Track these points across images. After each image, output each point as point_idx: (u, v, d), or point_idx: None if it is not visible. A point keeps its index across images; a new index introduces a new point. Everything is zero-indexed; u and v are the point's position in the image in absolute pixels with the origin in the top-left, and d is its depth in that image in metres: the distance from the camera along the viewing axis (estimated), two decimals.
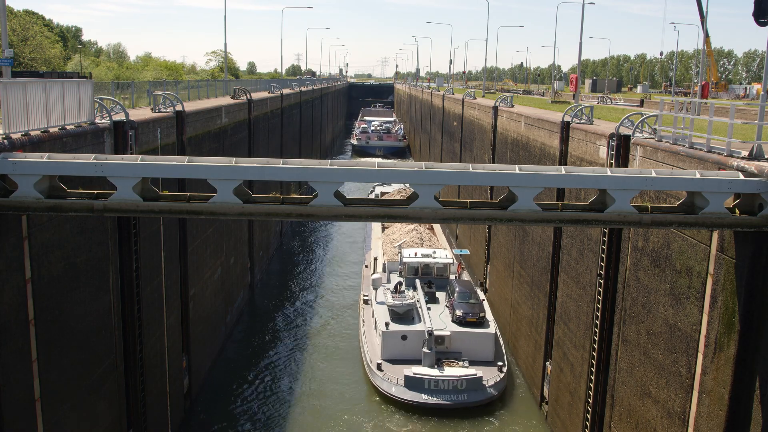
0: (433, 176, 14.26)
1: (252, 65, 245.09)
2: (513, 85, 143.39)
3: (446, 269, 36.84)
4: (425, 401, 27.84)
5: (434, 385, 28.11)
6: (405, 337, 30.36)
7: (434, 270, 36.60)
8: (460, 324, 31.20)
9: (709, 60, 75.80)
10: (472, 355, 30.27)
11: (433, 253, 37.98)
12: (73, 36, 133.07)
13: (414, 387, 28.15)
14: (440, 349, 30.05)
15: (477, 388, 28.32)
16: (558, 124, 27.52)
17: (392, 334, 30.39)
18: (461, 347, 30.38)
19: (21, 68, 64.67)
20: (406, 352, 30.11)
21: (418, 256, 37.28)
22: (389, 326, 30.70)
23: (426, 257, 37.20)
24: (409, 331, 30.40)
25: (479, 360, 30.22)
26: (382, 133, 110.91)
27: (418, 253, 38.10)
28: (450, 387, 28.07)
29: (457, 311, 31.72)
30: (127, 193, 13.99)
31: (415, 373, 28.42)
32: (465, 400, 28.02)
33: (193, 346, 27.86)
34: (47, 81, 17.01)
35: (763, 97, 16.68)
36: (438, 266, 36.68)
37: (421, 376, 28.27)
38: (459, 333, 30.55)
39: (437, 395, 28.01)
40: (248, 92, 42.27)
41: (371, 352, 31.05)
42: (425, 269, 36.64)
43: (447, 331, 30.49)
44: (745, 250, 13.90)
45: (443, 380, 28.14)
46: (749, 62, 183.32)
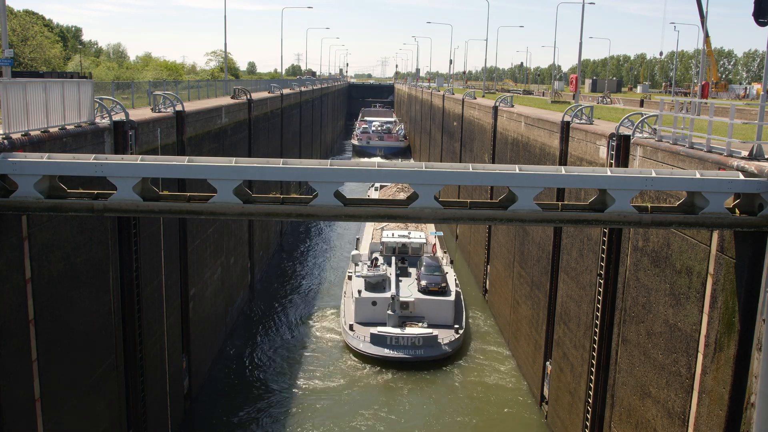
0: (433, 176, 14.26)
1: (252, 65, 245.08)
2: (513, 85, 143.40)
3: (420, 248, 41.68)
4: (387, 355, 32.18)
5: (395, 342, 32.53)
6: (375, 303, 34.98)
7: (409, 249, 41.60)
8: (424, 292, 35.98)
9: (709, 60, 75.81)
10: (434, 319, 34.78)
11: (409, 234, 42.96)
12: (73, 36, 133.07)
13: (378, 343, 32.52)
14: (405, 314, 34.79)
15: (433, 345, 32.69)
16: (558, 124, 27.52)
17: (364, 300, 35.19)
18: (424, 312, 35.10)
19: (21, 68, 64.68)
20: (376, 316, 34.56)
21: (395, 237, 42.41)
22: (361, 293, 35.53)
23: (402, 237, 42.30)
24: (378, 298, 35.13)
25: (440, 323, 34.62)
26: (382, 134, 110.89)
27: (395, 233, 43.14)
28: (409, 343, 32.49)
29: (422, 281, 36.62)
30: (127, 193, 13.99)
31: (380, 331, 32.89)
32: (422, 354, 32.31)
33: (193, 346, 27.86)
34: (47, 81, 17.01)
35: (763, 97, 16.69)
36: (413, 245, 41.68)
37: (384, 333, 32.73)
38: (422, 300, 35.41)
39: (398, 350, 32.35)
40: (248, 92, 42.28)
41: (347, 316, 35.58)
42: (402, 248, 41.63)
43: (412, 298, 35.39)
44: (745, 250, 13.90)
45: (403, 337, 32.59)
46: (749, 62, 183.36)
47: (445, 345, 32.94)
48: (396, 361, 32.02)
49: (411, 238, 42.10)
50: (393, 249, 41.46)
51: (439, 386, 30.90)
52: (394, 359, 32.02)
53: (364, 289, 35.94)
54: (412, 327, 33.63)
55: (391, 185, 63.66)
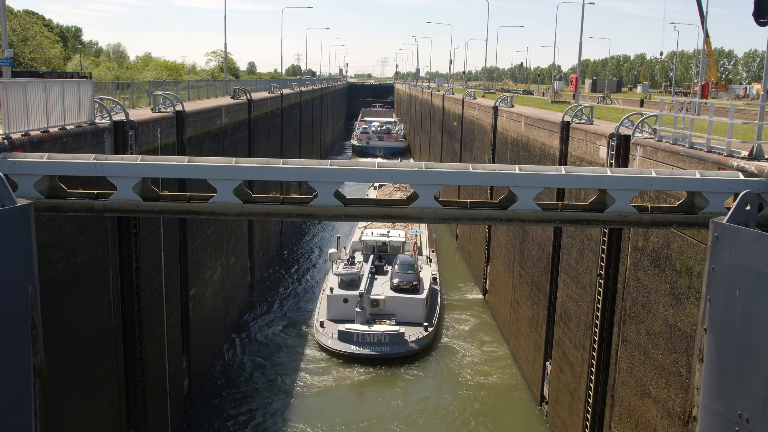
0: (433, 176, 14.27)
1: (252, 65, 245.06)
2: (513, 85, 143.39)
3: (400, 247, 42.00)
4: (353, 351, 32.56)
5: (362, 339, 32.87)
6: (346, 300, 35.21)
7: (389, 247, 41.86)
8: (396, 290, 36.23)
9: (709, 60, 75.81)
10: (404, 317, 35.02)
11: (388, 233, 43.35)
12: (73, 36, 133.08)
13: (345, 340, 32.91)
14: (376, 311, 35.15)
15: (399, 342, 33.03)
16: (558, 124, 27.52)
17: (335, 297, 35.52)
18: (395, 310, 35.40)
19: (21, 68, 64.67)
20: (347, 313, 34.72)
21: (374, 235, 42.73)
22: (333, 291, 35.87)
23: (382, 236, 42.63)
24: (349, 295, 35.30)
25: (410, 321, 34.86)
26: (382, 134, 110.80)
27: (374, 232, 43.53)
28: (375, 340, 32.88)
29: (394, 280, 36.82)
30: (127, 193, 14.00)
31: (347, 328, 33.23)
32: (388, 351, 32.67)
33: (193, 346, 27.86)
34: (47, 81, 17.02)
35: (763, 97, 16.69)
36: (392, 244, 41.99)
37: (351, 330, 33.05)
38: (392, 297, 35.67)
39: (364, 347, 32.75)
40: (248, 92, 42.28)
41: (320, 314, 36.08)
42: (381, 246, 41.93)
43: (382, 296, 35.68)
44: None
45: (369, 334, 32.89)
46: (749, 62, 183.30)
47: (412, 342, 33.22)
48: (362, 357, 32.35)
49: (390, 237, 42.49)
50: (373, 247, 41.85)
51: (441, 386, 30.91)
52: (361, 356, 32.37)
53: (338, 287, 36.19)
54: (380, 324, 34.03)
55: (389, 185, 63.72)
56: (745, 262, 11.51)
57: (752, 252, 11.39)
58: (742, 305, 11.42)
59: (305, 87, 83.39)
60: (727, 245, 11.94)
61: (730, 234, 11.99)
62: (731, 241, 11.90)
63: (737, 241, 11.76)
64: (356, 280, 36.69)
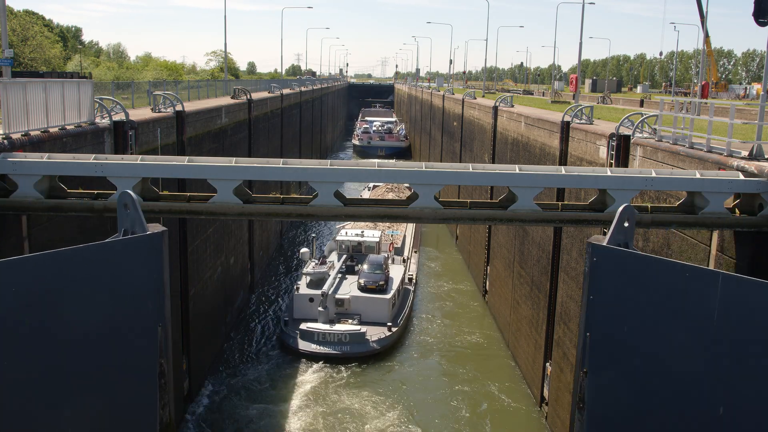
0: (433, 176, 14.27)
1: (252, 65, 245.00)
2: (513, 85, 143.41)
3: (375, 247, 41.95)
4: (315, 350, 32.68)
5: (323, 338, 33.00)
6: (312, 299, 35.22)
7: (363, 247, 41.82)
8: (362, 290, 36.20)
9: (709, 60, 75.83)
10: (370, 317, 35.03)
11: (362, 233, 43.35)
12: (73, 36, 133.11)
13: (307, 339, 33.03)
14: (341, 311, 35.21)
15: (360, 341, 33.12)
16: (558, 124, 27.53)
17: (301, 296, 35.76)
18: (360, 310, 35.47)
19: (21, 68, 64.70)
20: (313, 312, 34.71)
21: (350, 236, 42.69)
22: (299, 290, 36.16)
23: (357, 236, 42.62)
24: (315, 294, 35.29)
25: (375, 321, 34.90)
26: (383, 134, 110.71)
27: (348, 232, 43.58)
28: (336, 339, 33.03)
29: (361, 280, 36.85)
30: None
31: (309, 327, 33.30)
32: (348, 351, 32.80)
33: (193, 346, 27.85)
34: (47, 81, 17.03)
35: (763, 97, 16.69)
36: (366, 244, 41.98)
37: (312, 329, 33.13)
38: (357, 297, 35.69)
39: (326, 346, 32.88)
40: (248, 92, 42.28)
41: (288, 312, 36.13)
42: (356, 246, 41.88)
43: (347, 296, 35.69)
44: (745, 250, 13.90)
45: (330, 333, 33.01)
46: (749, 62, 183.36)
47: (373, 342, 33.28)
48: (323, 356, 32.45)
49: (364, 237, 42.49)
50: (348, 247, 41.86)
51: (442, 386, 30.92)
52: (322, 354, 32.50)
53: (305, 286, 36.39)
54: (343, 324, 34.06)
55: (381, 185, 63.55)
56: (627, 290, 9.42)
57: (635, 277, 9.31)
58: (628, 340, 9.17)
59: (305, 87, 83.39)
60: (607, 270, 9.82)
61: (609, 258, 9.89)
62: (612, 265, 9.79)
63: (618, 266, 9.66)
64: (324, 279, 36.68)
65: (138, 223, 9.82)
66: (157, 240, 9.83)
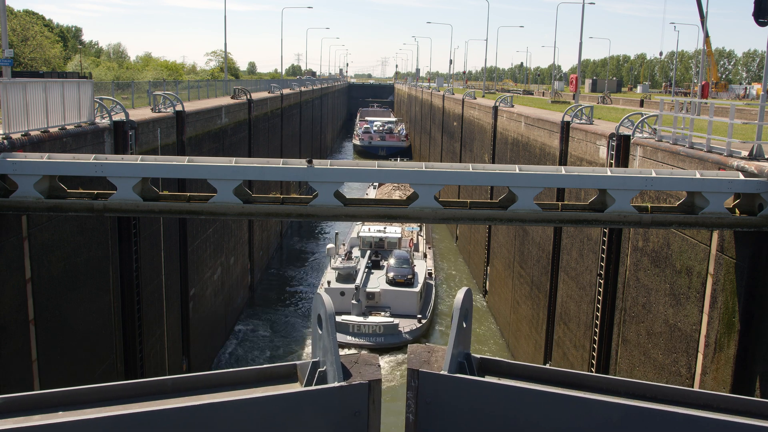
0: (433, 176, 14.27)
1: (252, 65, 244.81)
2: (513, 85, 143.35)
3: (396, 242, 43.33)
4: (350, 342, 33.37)
5: (357, 329, 34.05)
6: (343, 293, 36.02)
7: (385, 243, 43.18)
8: (391, 284, 37.26)
9: (709, 60, 75.79)
10: (399, 310, 35.96)
11: (384, 229, 44.58)
12: (73, 36, 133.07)
13: (342, 331, 33.66)
14: (371, 304, 36.11)
15: (393, 333, 34.05)
16: (558, 124, 27.53)
17: (332, 290, 36.33)
18: (389, 302, 36.39)
19: (21, 68, 64.63)
20: (344, 306, 35.45)
21: (372, 231, 44.06)
22: (330, 284, 37.03)
23: (379, 232, 43.91)
24: (346, 288, 36.32)
25: (404, 313, 35.81)
26: (384, 134, 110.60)
27: (371, 228, 44.82)
28: (370, 331, 34.07)
29: (389, 273, 37.85)
30: (127, 193, 14.00)
31: (343, 319, 34.13)
32: (382, 342, 33.69)
33: (193, 346, 27.85)
34: (47, 81, 17.03)
35: (763, 97, 16.68)
36: (389, 240, 43.31)
37: (347, 321, 34.10)
38: (387, 290, 36.71)
39: (360, 337, 33.81)
40: (248, 92, 42.27)
41: None
42: (378, 242, 43.20)
43: (378, 289, 36.73)
44: (745, 250, 13.90)
45: (364, 325, 34.10)
46: (749, 62, 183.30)
47: (406, 333, 34.24)
48: (358, 347, 32.99)
49: (386, 233, 43.81)
50: (370, 243, 43.15)
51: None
52: (356, 346, 33.13)
53: (335, 281, 37.32)
54: (375, 316, 35.08)
55: (387, 184, 63.85)
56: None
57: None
58: None
59: (305, 87, 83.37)
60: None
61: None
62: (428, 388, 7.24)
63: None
64: (353, 274, 37.73)
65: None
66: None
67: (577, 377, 5.32)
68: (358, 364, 5.20)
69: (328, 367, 5.10)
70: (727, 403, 4.91)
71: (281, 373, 5.44)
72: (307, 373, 5.21)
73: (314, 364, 5.27)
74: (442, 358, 5.24)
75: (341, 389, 4.88)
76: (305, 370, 5.27)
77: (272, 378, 5.39)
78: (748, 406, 4.86)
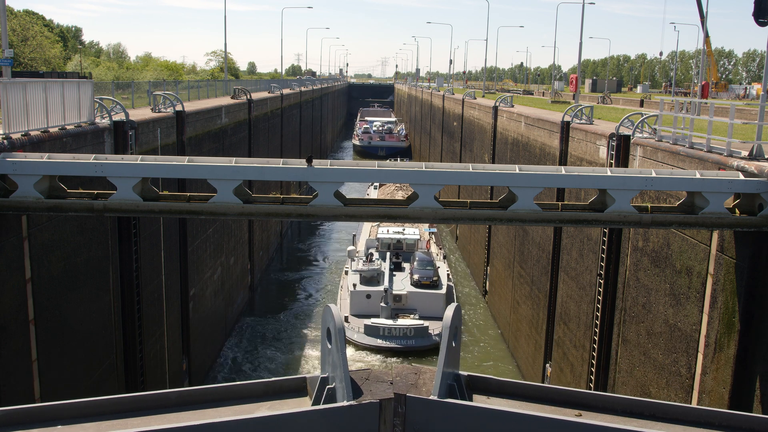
0: (433, 176, 14.26)
1: (252, 65, 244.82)
2: (513, 85, 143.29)
3: (414, 244, 43.09)
4: (380, 345, 33.54)
5: (388, 332, 33.91)
6: (369, 296, 36.20)
7: (404, 244, 42.97)
8: (416, 286, 37.15)
9: (709, 60, 75.75)
10: (426, 311, 35.76)
11: (403, 231, 44.45)
12: (73, 36, 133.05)
13: (372, 334, 33.88)
14: (398, 306, 35.92)
15: (423, 335, 33.95)
16: (558, 124, 27.52)
17: (358, 293, 36.49)
18: (416, 305, 36.30)
19: (21, 68, 64.60)
20: (370, 308, 35.70)
21: (390, 233, 43.91)
22: (356, 287, 36.88)
23: (397, 234, 43.77)
24: (372, 291, 36.35)
25: (431, 315, 35.45)
26: (384, 134, 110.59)
27: (390, 230, 44.61)
28: (400, 334, 34.01)
29: (414, 275, 37.81)
30: (127, 193, 14.00)
31: (373, 322, 34.19)
32: (413, 344, 33.73)
33: (193, 346, 27.85)
34: (47, 81, 17.03)
35: (763, 97, 16.68)
36: (407, 241, 43.12)
37: (377, 325, 34.06)
38: (414, 293, 36.56)
39: (390, 340, 33.72)
40: (248, 92, 42.27)
41: (342, 309, 36.71)
42: (396, 244, 43.05)
43: (404, 291, 36.56)
44: (745, 250, 13.90)
45: (395, 328, 33.96)
46: (749, 62, 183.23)
47: (435, 335, 33.98)
48: (388, 350, 33.37)
49: (405, 235, 43.69)
50: (388, 245, 42.93)
51: None
52: (387, 348, 33.36)
53: (359, 283, 37.22)
54: (404, 318, 35.06)
55: (389, 185, 63.82)
56: None
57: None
58: None
59: (305, 87, 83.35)
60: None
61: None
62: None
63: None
64: (376, 277, 37.76)
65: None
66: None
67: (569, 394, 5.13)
68: (369, 381, 4.99)
69: (337, 384, 4.91)
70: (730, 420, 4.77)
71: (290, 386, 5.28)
72: (317, 387, 5.05)
73: (323, 380, 5.09)
74: (431, 381, 4.91)
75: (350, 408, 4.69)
76: (314, 384, 5.10)
77: (281, 392, 5.23)
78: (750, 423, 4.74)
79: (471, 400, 5.07)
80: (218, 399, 4.98)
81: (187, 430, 4.48)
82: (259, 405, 5.02)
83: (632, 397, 5.21)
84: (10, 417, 4.48)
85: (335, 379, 4.92)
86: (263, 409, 4.91)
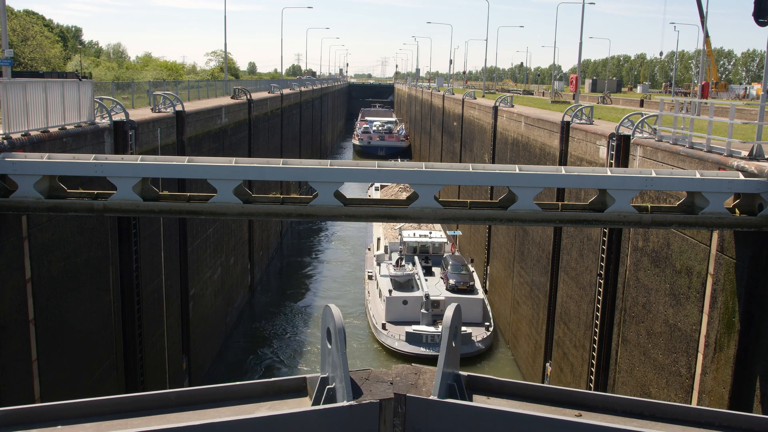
0: (433, 176, 14.26)
1: (252, 65, 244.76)
2: (513, 85, 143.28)
3: (441, 247, 42.19)
4: (424, 353, 32.36)
5: (431, 340, 32.91)
6: (405, 302, 35.30)
7: (430, 248, 41.88)
8: (452, 291, 36.23)
9: (709, 60, 75.73)
10: (464, 318, 34.51)
11: (430, 234, 43.27)
12: (73, 36, 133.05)
13: (414, 341, 32.94)
14: (435, 312, 34.79)
15: (467, 343, 32.89)
16: (558, 124, 27.52)
17: (394, 299, 35.34)
18: None
19: (21, 68, 64.62)
20: (407, 314, 34.95)
21: (416, 236, 42.61)
22: (392, 293, 35.72)
23: (423, 237, 42.53)
24: (409, 297, 35.45)
25: (469, 321, 34.88)
26: (384, 133, 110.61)
27: (416, 233, 43.25)
28: None
29: (450, 280, 36.82)
30: (127, 193, 14.00)
31: (415, 330, 33.32)
32: None
33: (193, 346, 27.85)
34: (47, 81, 17.03)
35: (763, 97, 16.68)
36: (434, 245, 42.03)
37: (420, 332, 33.16)
38: (451, 298, 34.92)
39: (434, 348, 32.54)
40: (248, 92, 42.27)
41: (377, 316, 35.63)
42: (422, 247, 41.93)
43: (442, 297, 35.52)
44: (745, 250, 13.90)
45: (438, 335, 32.64)
46: (749, 62, 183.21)
47: (479, 342, 33.48)
48: (432, 358, 32.28)
49: (432, 237, 42.53)
50: (414, 248, 41.70)
51: None
52: (431, 357, 32.11)
53: (393, 289, 36.33)
54: None
55: (392, 185, 63.70)
56: None
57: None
58: None
59: (305, 87, 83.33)
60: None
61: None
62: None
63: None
64: (410, 282, 37.05)
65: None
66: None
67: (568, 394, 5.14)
68: (369, 381, 4.98)
69: (337, 384, 4.90)
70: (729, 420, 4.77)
71: (290, 387, 5.26)
72: (316, 387, 5.04)
73: (323, 380, 5.08)
74: (431, 381, 4.93)
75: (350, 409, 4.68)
76: (314, 384, 5.10)
77: (280, 392, 5.21)
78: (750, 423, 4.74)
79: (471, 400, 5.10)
80: (218, 399, 4.99)
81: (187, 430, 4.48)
82: (259, 405, 5.02)
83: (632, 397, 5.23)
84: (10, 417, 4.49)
85: (335, 379, 4.93)
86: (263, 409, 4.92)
